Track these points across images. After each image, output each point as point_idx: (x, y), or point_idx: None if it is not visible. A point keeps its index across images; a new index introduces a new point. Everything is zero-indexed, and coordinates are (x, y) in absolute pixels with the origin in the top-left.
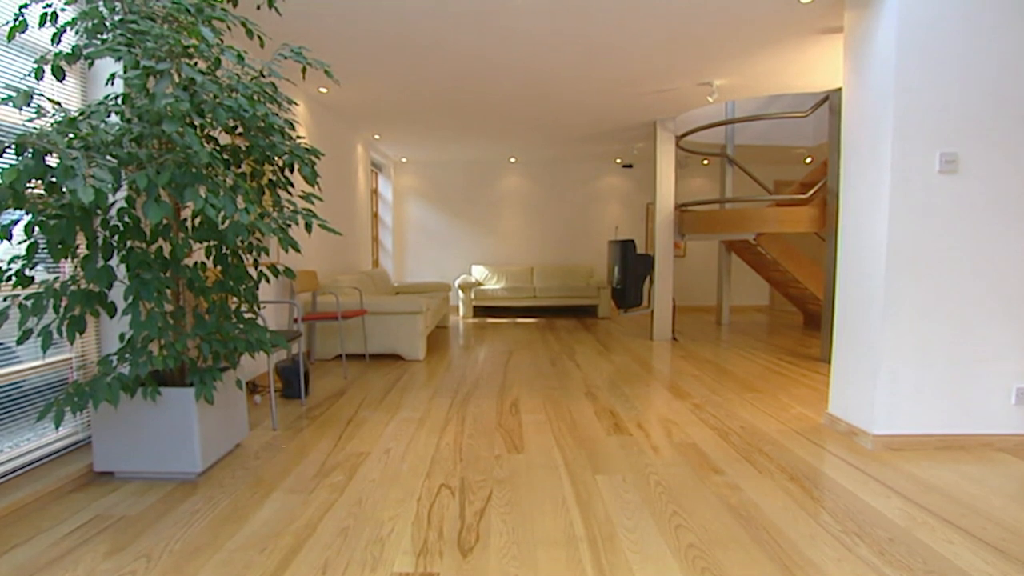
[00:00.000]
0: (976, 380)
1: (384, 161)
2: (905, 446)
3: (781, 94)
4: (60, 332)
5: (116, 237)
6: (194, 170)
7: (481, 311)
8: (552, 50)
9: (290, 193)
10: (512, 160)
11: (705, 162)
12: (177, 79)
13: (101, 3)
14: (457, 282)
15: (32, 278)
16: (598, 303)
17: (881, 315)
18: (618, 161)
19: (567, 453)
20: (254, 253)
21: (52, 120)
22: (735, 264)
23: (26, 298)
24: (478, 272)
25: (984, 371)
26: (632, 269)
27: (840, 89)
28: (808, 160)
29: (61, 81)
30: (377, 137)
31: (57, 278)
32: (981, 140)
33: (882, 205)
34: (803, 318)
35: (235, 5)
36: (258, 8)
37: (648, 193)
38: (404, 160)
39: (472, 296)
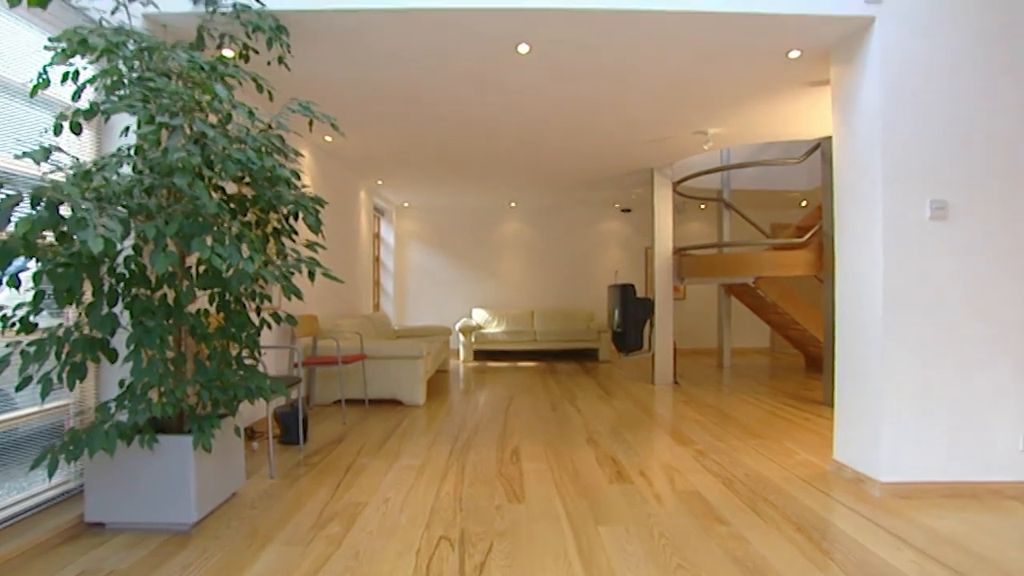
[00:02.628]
0: (982, 425)
1: (386, 206)
2: (914, 494)
3: (775, 141)
4: (60, 379)
5: (121, 284)
6: (201, 220)
7: (482, 355)
8: (551, 102)
9: (294, 241)
10: (512, 205)
11: (702, 206)
12: (189, 132)
13: (120, 61)
14: (458, 326)
15: (36, 324)
16: (599, 347)
17: (881, 360)
18: (617, 206)
19: (569, 503)
20: (257, 300)
21: (67, 171)
22: (735, 307)
23: (29, 344)
24: (479, 315)
25: (989, 416)
26: (632, 313)
27: (831, 137)
28: (803, 204)
29: (78, 135)
30: (380, 183)
31: (61, 324)
32: (969, 188)
33: (876, 251)
34: (804, 360)
35: (247, 61)
36: (268, 64)
37: (647, 237)
38: (406, 205)
39: (472, 340)
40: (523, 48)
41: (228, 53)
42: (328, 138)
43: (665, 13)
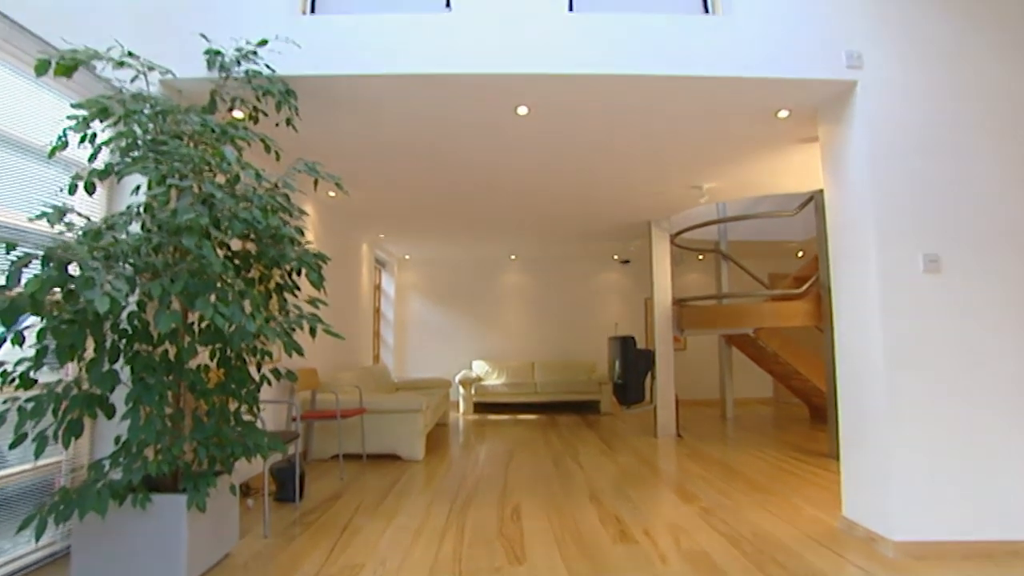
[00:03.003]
0: (993, 480)
1: (388, 258)
2: (928, 554)
3: (769, 195)
4: (56, 437)
5: (124, 340)
6: (206, 278)
7: (482, 407)
8: (549, 159)
9: (296, 296)
10: (513, 257)
11: (700, 257)
12: (198, 191)
13: (136, 125)
14: (458, 378)
15: (36, 380)
16: (600, 398)
17: (885, 414)
18: (616, 257)
19: (571, 564)
20: (258, 356)
21: (78, 230)
22: (736, 357)
23: (27, 401)
24: (479, 367)
25: (1002, 472)
26: (633, 365)
27: (823, 190)
28: (800, 254)
29: (91, 195)
30: (382, 236)
31: (60, 380)
32: (961, 241)
33: (873, 305)
34: (808, 410)
35: (256, 122)
36: (276, 125)
37: (646, 288)
38: (407, 257)
39: (473, 392)
40: (522, 110)
41: (238, 114)
42: (332, 193)
43: (656, 78)
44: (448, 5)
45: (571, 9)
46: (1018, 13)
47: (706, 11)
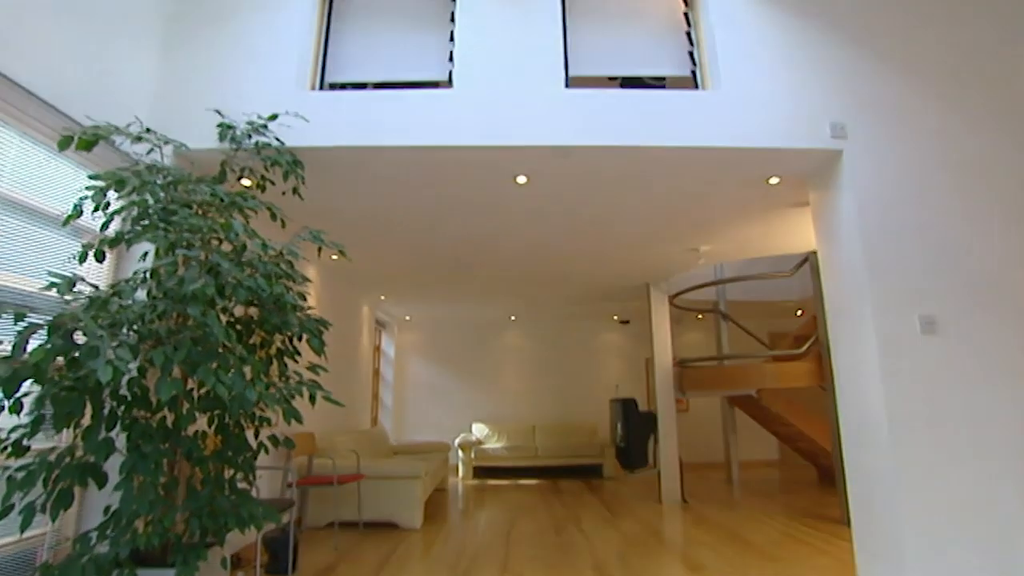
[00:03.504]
0: (1011, 553)
1: (388, 319)
2: None
3: (765, 256)
4: (44, 508)
5: (122, 407)
6: (209, 346)
7: (482, 472)
8: (548, 224)
9: (296, 362)
10: (512, 318)
11: (699, 317)
12: (204, 259)
13: (148, 194)
14: (457, 441)
15: (29, 447)
16: (602, 462)
17: (893, 481)
18: (615, 318)
19: None
20: (257, 422)
21: (85, 298)
22: (741, 418)
23: (17, 470)
24: (478, 430)
25: (1018, 543)
26: (635, 428)
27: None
28: (799, 313)
29: (101, 263)
30: (383, 298)
31: (54, 448)
32: (956, 302)
33: (872, 367)
34: (817, 473)
35: (263, 191)
36: (283, 194)
37: (646, 348)
38: (408, 318)
39: (472, 456)
40: (521, 179)
41: (246, 182)
42: (334, 256)
43: (649, 148)
44: (451, 82)
45: (567, 86)
46: (984, 91)
47: (696, 86)
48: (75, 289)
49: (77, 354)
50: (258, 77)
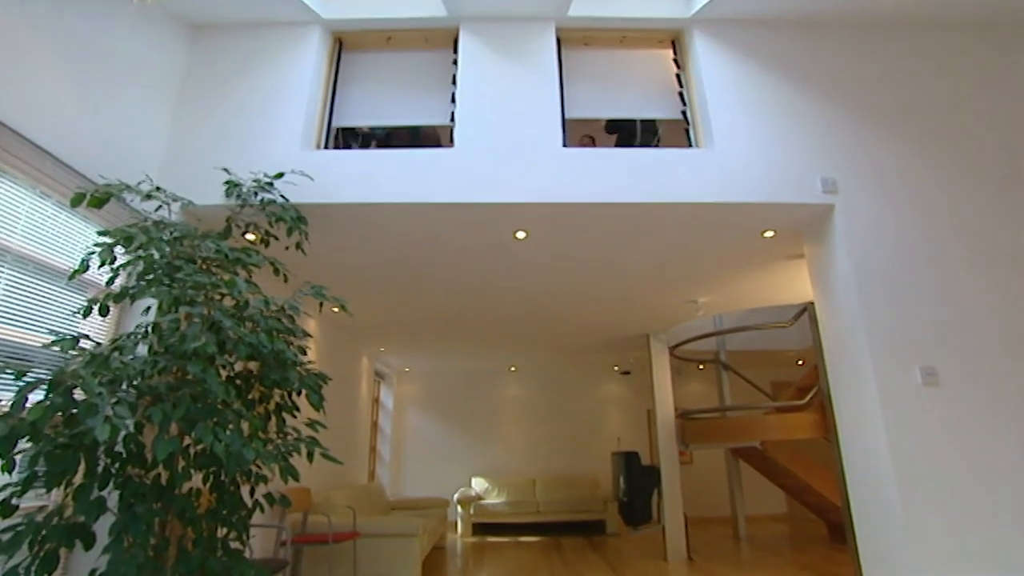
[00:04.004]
0: None
1: (387, 371)
2: None
3: (764, 306)
4: (28, 572)
5: (117, 464)
6: (208, 403)
7: (481, 528)
8: (548, 277)
9: (295, 417)
10: (512, 369)
11: (700, 367)
12: (207, 314)
13: (154, 249)
14: (456, 496)
15: (17, 506)
16: (605, 518)
17: (903, 539)
18: (616, 368)
19: None
20: (253, 480)
21: (86, 355)
22: (746, 470)
23: (3, 531)
24: (478, 484)
25: None
26: (638, 482)
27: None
28: (800, 362)
29: (104, 317)
30: (382, 349)
31: (44, 507)
32: (957, 354)
33: (876, 421)
34: (827, 528)
35: (267, 246)
36: (287, 249)
37: (648, 399)
38: (407, 369)
39: (472, 511)
40: (520, 234)
41: (251, 237)
42: (335, 309)
43: (645, 205)
44: (452, 141)
45: (564, 145)
46: (969, 143)
47: (690, 144)
48: (78, 346)
49: (75, 411)
50: (265, 135)
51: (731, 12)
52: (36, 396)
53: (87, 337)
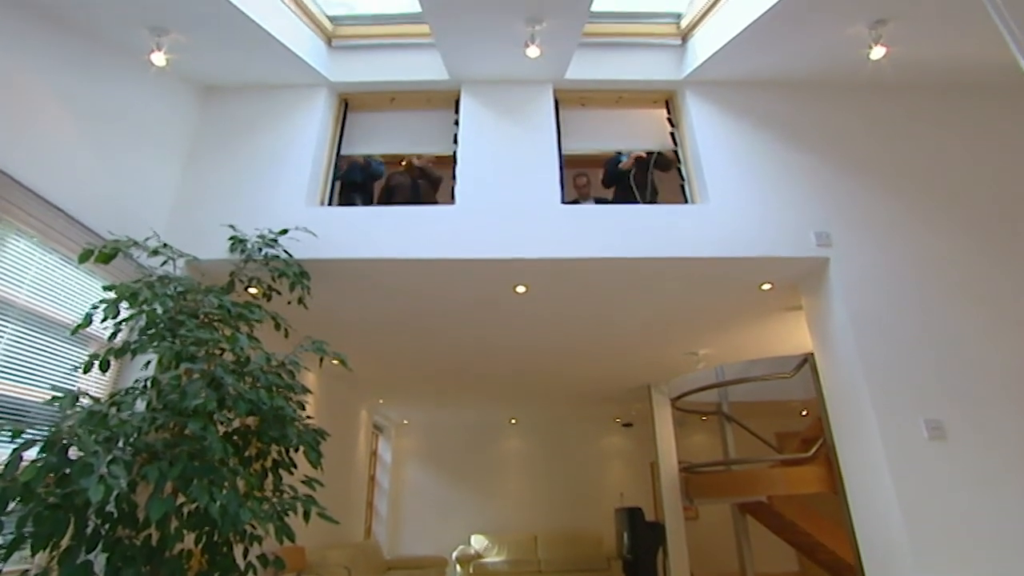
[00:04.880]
0: None
1: (386, 423)
2: None
3: (766, 357)
4: None
5: (107, 525)
6: (205, 461)
7: None
8: (548, 329)
9: (292, 474)
10: (512, 421)
11: (703, 418)
12: (208, 368)
13: (158, 304)
14: (455, 555)
15: (0, 571)
16: None
17: None
18: (618, 420)
19: None
20: (246, 541)
21: (85, 410)
22: (754, 526)
23: None
24: (477, 542)
25: None
26: (642, 540)
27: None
28: (804, 413)
29: (105, 372)
30: (381, 401)
31: (26, 572)
32: (960, 403)
33: (884, 475)
34: None
35: (269, 300)
36: (288, 303)
37: (650, 451)
38: (406, 422)
39: (471, 571)
40: (520, 288)
41: (253, 291)
42: (334, 361)
43: (642, 260)
44: (453, 198)
45: (563, 201)
46: (958, 197)
47: (686, 200)
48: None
49: (68, 470)
50: (271, 191)
51: (721, 75)
52: (31, 451)
53: (86, 395)
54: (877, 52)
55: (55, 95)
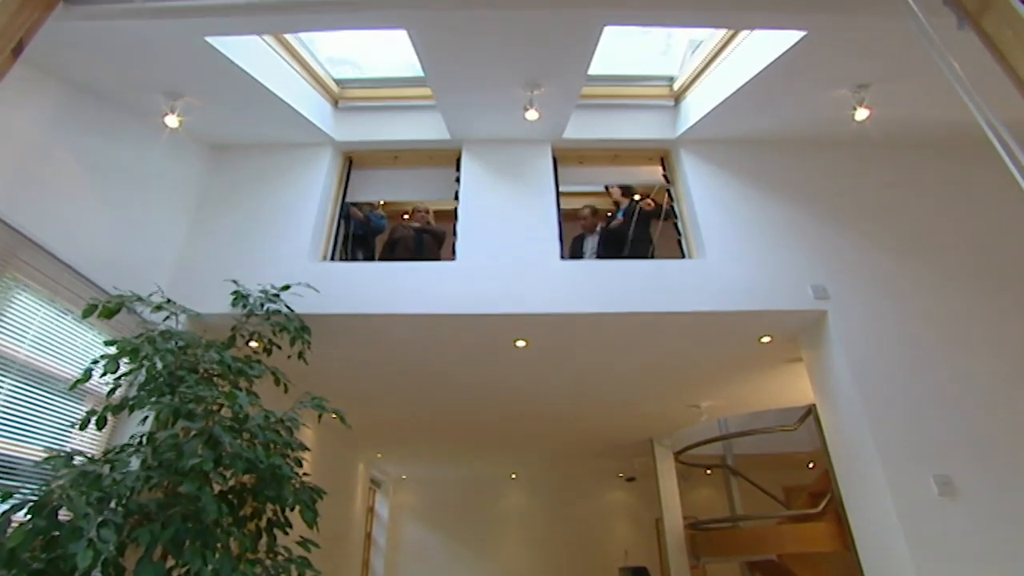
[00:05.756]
0: None
1: (384, 478)
2: None
3: (769, 409)
4: None
5: None
6: (199, 523)
7: None
8: (548, 383)
9: (287, 534)
10: (513, 476)
11: (708, 472)
12: (207, 425)
13: (158, 359)
14: None
15: None
16: None
17: None
18: (620, 475)
19: None
20: None
21: (75, 471)
22: None
23: None
24: None
25: None
26: None
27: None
28: (811, 465)
29: (101, 429)
30: (380, 456)
31: None
32: (970, 461)
33: (896, 532)
34: None
35: (269, 354)
36: (288, 358)
37: (655, 507)
38: (404, 477)
39: None
40: (520, 343)
41: (254, 344)
42: (332, 415)
43: (641, 315)
44: (454, 254)
45: (562, 257)
46: (952, 251)
47: (683, 255)
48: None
49: (57, 532)
50: (275, 247)
51: (713, 134)
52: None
53: (80, 453)
54: (861, 114)
55: (69, 153)
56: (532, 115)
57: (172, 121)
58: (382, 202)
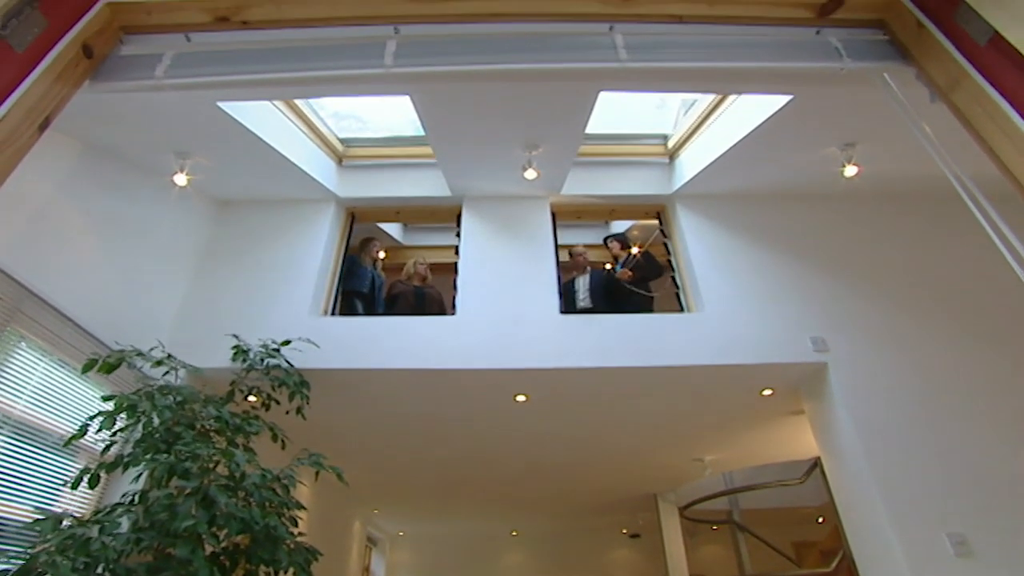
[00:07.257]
0: None
1: (380, 535)
2: None
3: (773, 463)
4: None
5: None
6: None
7: None
8: (549, 438)
9: None
10: (514, 533)
11: (714, 528)
12: (203, 484)
13: (155, 415)
14: None
15: None
16: None
17: None
18: (624, 531)
19: None
20: None
21: (64, 534)
22: None
23: None
24: None
25: None
26: None
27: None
28: (820, 520)
29: (93, 488)
30: (376, 512)
31: None
32: (983, 518)
33: None
34: None
35: (267, 410)
36: (287, 413)
37: (660, 565)
38: (401, 534)
39: None
40: (521, 398)
41: (252, 398)
42: (329, 470)
43: (640, 369)
44: (454, 309)
45: (562, 312)
46: (949, 302)
47: (681, 309)
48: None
49: None
50: (276, 301)
51: (708, 189)
52: None
53: (69, 516)
54: (850, 170)
55: (78, 209)
56: (531, 175)
57: (181, 179)
58: (383, 255)
